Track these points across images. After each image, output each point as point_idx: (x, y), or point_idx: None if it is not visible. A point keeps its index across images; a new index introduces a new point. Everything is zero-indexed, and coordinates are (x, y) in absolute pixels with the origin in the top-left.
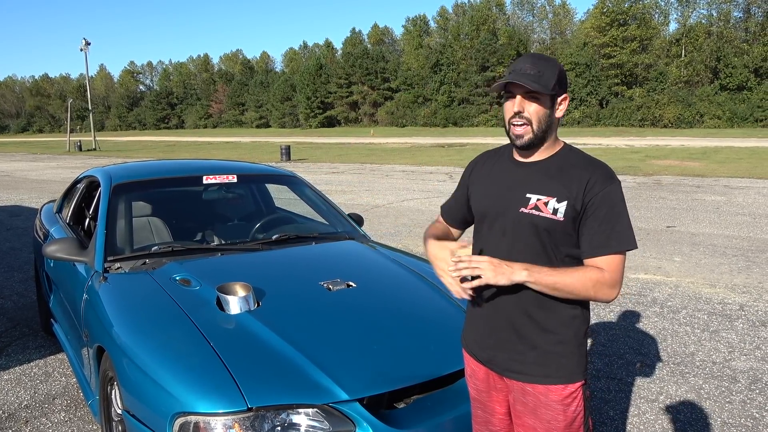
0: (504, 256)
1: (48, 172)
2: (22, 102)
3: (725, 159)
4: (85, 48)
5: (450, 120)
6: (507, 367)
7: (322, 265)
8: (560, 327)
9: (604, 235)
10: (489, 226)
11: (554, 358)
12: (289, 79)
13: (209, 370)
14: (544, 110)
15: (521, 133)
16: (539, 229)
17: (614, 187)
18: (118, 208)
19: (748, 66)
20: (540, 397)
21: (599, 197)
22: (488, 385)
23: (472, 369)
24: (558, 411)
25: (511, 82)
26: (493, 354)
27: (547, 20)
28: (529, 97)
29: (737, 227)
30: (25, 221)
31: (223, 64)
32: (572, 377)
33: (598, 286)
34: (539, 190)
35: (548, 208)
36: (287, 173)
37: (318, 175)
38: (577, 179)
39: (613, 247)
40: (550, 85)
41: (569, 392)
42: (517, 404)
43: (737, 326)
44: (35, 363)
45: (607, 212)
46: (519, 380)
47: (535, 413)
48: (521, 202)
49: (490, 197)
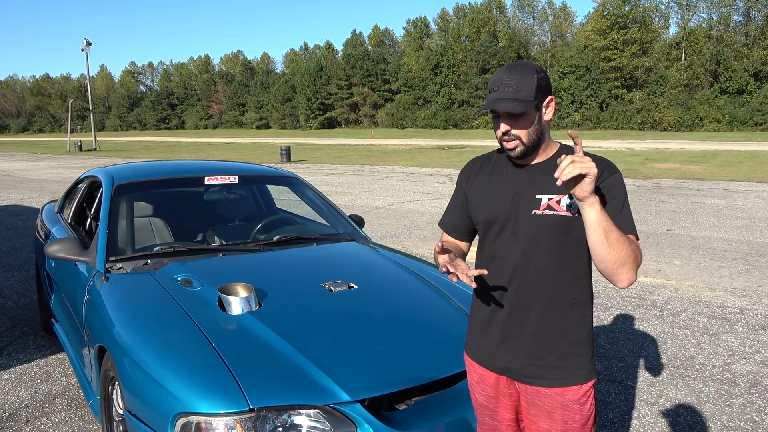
0: (519, 259)
1: (48, 172)
2: (23, 101)
3: (725, 162)
4: (86, 48)
5: (450, 122)
6: (524, 373)
7: (323, 267)
8: (575, 327)
9: (614, 218)
10: (498, 231)
11: (571, 359)
12: (290, 80)
13: (211, 370)
14: (531, 123)
15: (513, 146)
16: (557, 228)
17: (618, 175)
18: (119, 208)
19: (748, 70)
20: (556, 398)
21: (605, 184)
22: (498, 391)
23: (480, 376)
24: (575, 411)
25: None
26: (509, 362)
27: (547, 23)
28: (512, 116)
29: (737, 231)
30: (25, 221)
31: (223, 65)
32: (588, 376)
33: (638, 258)
34: (549, 190)
35: (561, 205)
36: (288, 174)
37: (318, 176)
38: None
39: (623, 229)
40: (531, 96)
41: (584, 391)
42: (532, 408)
43: (737, 329)
44: (36, 362)
45: (616, 198)
46: (537, 385)
47: (551, 416)
48: (532, 205)
49: (495, 203)
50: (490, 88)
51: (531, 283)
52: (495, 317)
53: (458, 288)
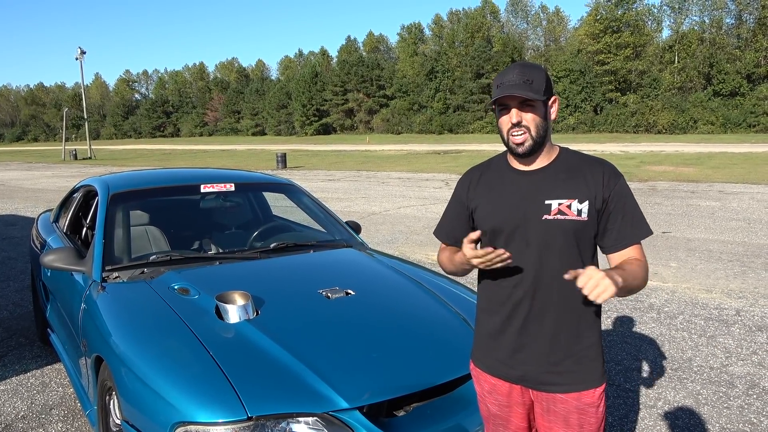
0: (534, 265)
1: (43, 181)
2: (17, 111)
3: (719, 164)
4: (81, 57)
5: (445, 127)
6: (542, 380)
7: (320, 273)
8: (589, 330)
9: (628, 227)
10: (507, 239)
11: (586, 362)
12: (285, 87)
13: (209, 379)
14: (539, 116)
15: (521, 140)
16: (569, 233)
17: (623, 179)
18: (115, 217)
19: (741, 72)
20: (572, 403)
21: (615, 192)
22: (510, 400)
23: (492, 386)
24: (591, 414)
25: (507, 94)
26: (526, 370)
27: (541, 27)
28: (523, 107)
29: (732, 232)
30: (20, 230)
31: (218, 72)
32: (602, 378)
33: (647, 275)
34: (557, 194)
35: (572, 210)
36: (285, 181)
37: (314, 182)
38: (591, 177)
39: (639, 236)
40: (542, 90)
41: (599, 393)
42: (548, 414)
43: (734, 331)
44: (32, 373)
45: (627, 204)
46: (555, 392)
47: (567, 421)
48: (542, 210)
49: (502, 211)
50: (498, 83)
51: (546, 288)
52: (509, 326)
53: (456, 294)
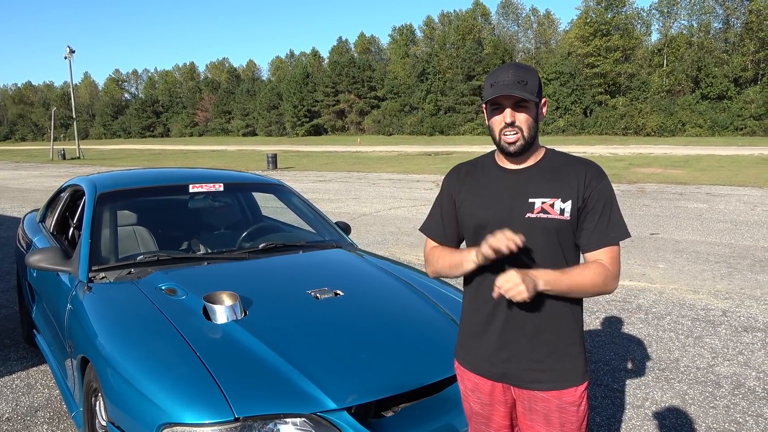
0: (515, 263)
1: (30, 181)
2: (5, 110)
3: (707, 167)
4: (70, 56)
5: (436, 128)
6: (523, 378)
7: (309, 274)
8: (570, 328)
9: (603, 228)
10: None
11: (568, 360)
12: (276, 88)
13: (195, 380)
14: (532, 117)
15: (514, 140)
16: (551, 232)
17: (607, 181)
18: (102, 217)
19: (728, 76)
20: (553, 402)
21: (596, 192)
22: (493, 398)
23: (475, 384)
24: (572, 413)
25: (504, 93)
26: (506, 368)
27: (531, 30)
28: (517, 107)
29: (719, 234)
30: (6, 231)
31: (209, 73)
32: (583, 377)
33: (608, 280)
34: (541, 193)
35: (555, 209)
36: (274, 182)
37: (305, 183)
38: (574, 177)
39: (612, 238)
40: (536, 91)
41: (580, 392)
42: (530, 413)
43: (720, 332)
44: (17, 374)
45: (605, 205)
46: (536, 389)
47: (548, 419)
48: (525, 208)
49: (487, 208)
50: (492, 82)
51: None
52: (491, 324)
53: (444, 294)
